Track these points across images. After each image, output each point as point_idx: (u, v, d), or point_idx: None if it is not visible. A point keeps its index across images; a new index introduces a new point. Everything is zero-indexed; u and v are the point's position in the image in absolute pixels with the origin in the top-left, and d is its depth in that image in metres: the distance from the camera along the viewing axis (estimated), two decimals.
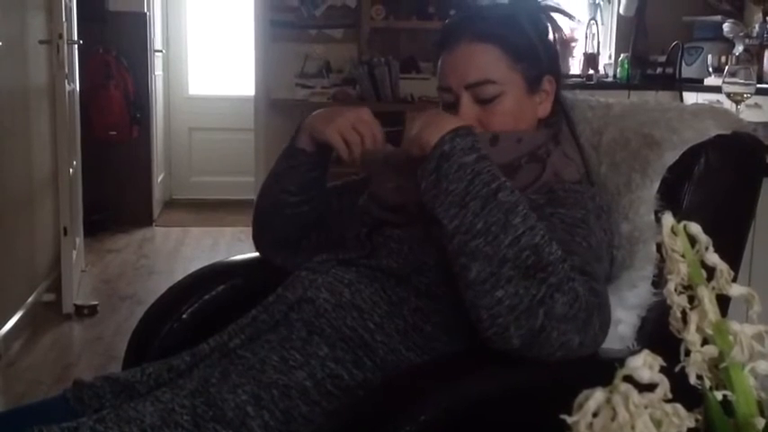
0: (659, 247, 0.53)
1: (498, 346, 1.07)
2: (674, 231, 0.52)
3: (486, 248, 1.06)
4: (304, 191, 1.43)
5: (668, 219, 0.52)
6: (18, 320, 3.41)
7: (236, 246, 5.03)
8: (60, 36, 3.70)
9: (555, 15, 1.41)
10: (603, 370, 0.48)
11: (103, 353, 3.25)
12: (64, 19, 3.76)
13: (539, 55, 1.35)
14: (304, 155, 1.40)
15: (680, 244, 0.52)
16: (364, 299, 1.24)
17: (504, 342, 1.06)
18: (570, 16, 1.45)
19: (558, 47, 1.40)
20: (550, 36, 1.39)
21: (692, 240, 0.53)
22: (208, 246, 5.17)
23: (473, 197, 1.09)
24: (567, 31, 1.48)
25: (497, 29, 1.34)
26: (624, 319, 1.26)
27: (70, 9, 4.02)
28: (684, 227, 0.53)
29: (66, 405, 1.25)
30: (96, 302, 3.79)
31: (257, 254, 1.59)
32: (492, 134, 1.31)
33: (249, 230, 1.56)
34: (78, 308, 3.72)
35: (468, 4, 1.45)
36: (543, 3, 1.41)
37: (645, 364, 0.43)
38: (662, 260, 0.53)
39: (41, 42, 3.80)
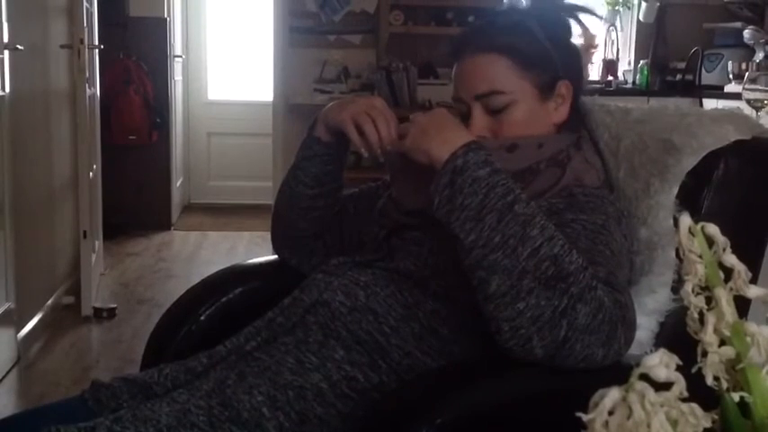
0: (678, 252, 0.53)
1: (520, 357, 1.07)
2: (691, 232, 0.52)
3: (505, 261, 1.05)
4: (320, 183, 1.43)
5: (685, 219, 0.52)
6: (37, 323, 3.43)
7: (254, 250, 5.05)
8: (81, 41, 3.73)
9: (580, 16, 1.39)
10: (622, 375, 0.47)
11: (122, 355, 3.26)
12: (85, 24, 3.79)
13: (551, 60, 1.33)
14: (319, 144, 1.40)
15: (697, 245, 0.52)
16: (379, 302, 1.24)
17: (527, 353, 1.05)
18: (594, 14, 1.42)
19: (579, 48, 1.39)
20: (573, 38, 1.38)
21: (710, 242, 0.53)
22: (226, 250, 5.19)
23: (489, 211, 1.07)
24: (592, 32, 1.45)
25: (505, 38, 1.32)
26: (643, 324, 1.25)
27: (91, 14, 4.06)
28: (702, 228, 0.52)
29: (84, 405, 1.26)
30: (115, 305, 3.81)
31: (274, 257, 1.59)
32: (510, 142, 1.31)
33: (267, 235, 1.57)
34: (97, 311, 3.74)
35: (483, 10, 1.46)
36: (566, 2, 1.39)
37: (661, 363, 0.43)
38: (681, 264, 0.53)
39: (62, 47, 3.83)
